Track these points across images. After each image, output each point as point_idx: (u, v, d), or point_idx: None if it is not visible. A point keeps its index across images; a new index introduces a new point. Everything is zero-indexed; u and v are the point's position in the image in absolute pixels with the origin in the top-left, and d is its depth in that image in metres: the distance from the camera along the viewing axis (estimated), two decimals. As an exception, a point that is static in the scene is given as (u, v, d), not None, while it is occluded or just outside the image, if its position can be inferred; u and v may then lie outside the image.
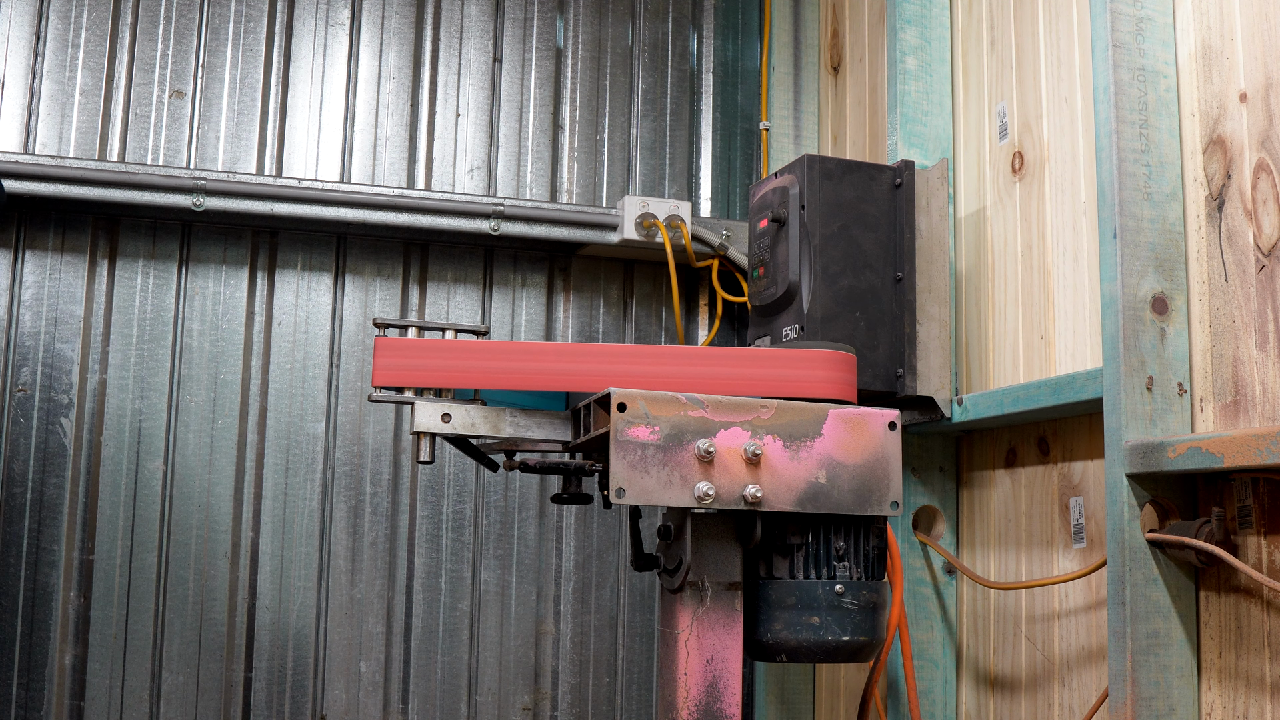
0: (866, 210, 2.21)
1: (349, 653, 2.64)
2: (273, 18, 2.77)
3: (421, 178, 2.83)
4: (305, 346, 2.70)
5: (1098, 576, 1.92)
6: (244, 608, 2.60)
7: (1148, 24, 1.80)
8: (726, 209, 3.05)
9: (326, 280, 2.74)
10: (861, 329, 2.18)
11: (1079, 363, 2.00)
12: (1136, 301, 1.73)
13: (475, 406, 1.75)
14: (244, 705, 2.57)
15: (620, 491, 1.62)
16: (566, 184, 2.94)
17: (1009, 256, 2.21)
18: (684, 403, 1.67)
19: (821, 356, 1.82)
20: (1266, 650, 1.62)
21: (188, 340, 2.63)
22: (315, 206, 2.61)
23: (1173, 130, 1.79)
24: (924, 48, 2.41)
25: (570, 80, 2.98)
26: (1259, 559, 1.63)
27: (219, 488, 2.61)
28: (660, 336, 2.97)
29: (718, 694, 1.71)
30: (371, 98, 2.82)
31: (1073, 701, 1.99)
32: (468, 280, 2.83)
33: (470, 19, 2.91)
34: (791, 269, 2.18)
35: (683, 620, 1.72)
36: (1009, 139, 2.23)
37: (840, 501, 1.72)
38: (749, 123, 3.09)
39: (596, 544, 2.83)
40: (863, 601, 1.75)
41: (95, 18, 2.65)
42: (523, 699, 2.75)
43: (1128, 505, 1.69)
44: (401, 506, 2.71)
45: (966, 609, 2.30)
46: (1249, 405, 1.65)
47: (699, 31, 3.10)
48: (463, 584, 2.73)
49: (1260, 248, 1.65)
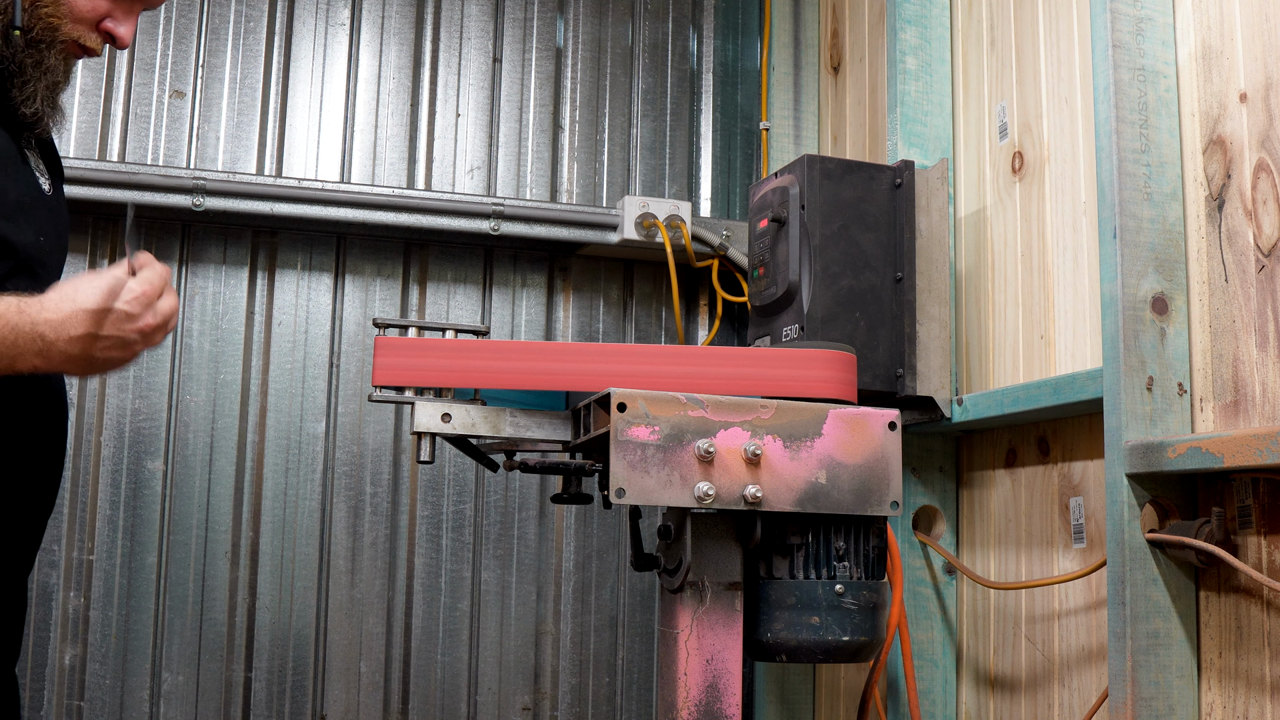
0: (866, 210, 2.21)
1: (349, 653, 2.64)
2: (273, 18, 2.77)
3: (421, 178, 2.83)
4: (305, 346, 2.70)
5: (1098, 576, 1.92)
6: (244, 608, 2.60)
7: (1148, 24, 1.80)
8: (726, 209, 3.05)
9: (326, 280, 2.74)
10: (861, 329, 2.18)
11: (1079, 363, 2.00)
12: (1136, 301, 1.73)
13: (475, 406, 1.75)
14: (244, 705, 2.57)
15: (620, 491, 1.62)
16: (566, 184, 2.94)
17: (1009, 256, 2.21)
18: (684, 403, 1.67)
19: (822, 356, 1.82)
20: (1266, 650, 1.62)
21: (188, 340, 2.63)
22: (315, 206, 2.61)
23: (1173, 130, 1.79)
24: (924, 48, 2.41)
25: (570, 80, 2.98)
26: (1259, 559, 1.63)
27: (219, 488, 2.61)
28: (660, 336, 2.97)
29: (718, 694, 1.71)
30: (371, 98, 2.82)
31: (1073, 701, 1.99)
32: (468, 280, 2.83)
33: (470, 19, 2.91)
34: (791, 269, 2.18)
35: (683, 620, 1.72)
36: (1009, 139, 2.23)
37: (840, 501, 1.72)
38: (749, 123, 3.09)
39: (596, 544, 2.83)
40: (863, 601, 1.75)
41: (95, 18, 2.65)
42: (523, 699, 2.75)
43: (1128, 505, 1.69)
44: (401, 506, 2.71)
45: (966, 609, 2.30)
46: (1249, 405, 1.65)
47: (699, 31, 3.10)
48: (463, 584, 2.73)
49: (1260, 248, 1.65)
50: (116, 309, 1.45)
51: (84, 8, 1.59)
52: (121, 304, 1.45)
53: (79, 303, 1.43)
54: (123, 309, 1.45)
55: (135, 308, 1.46)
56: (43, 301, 1.43)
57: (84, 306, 1.43)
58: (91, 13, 1.60)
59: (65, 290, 1.45)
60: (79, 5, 1.58)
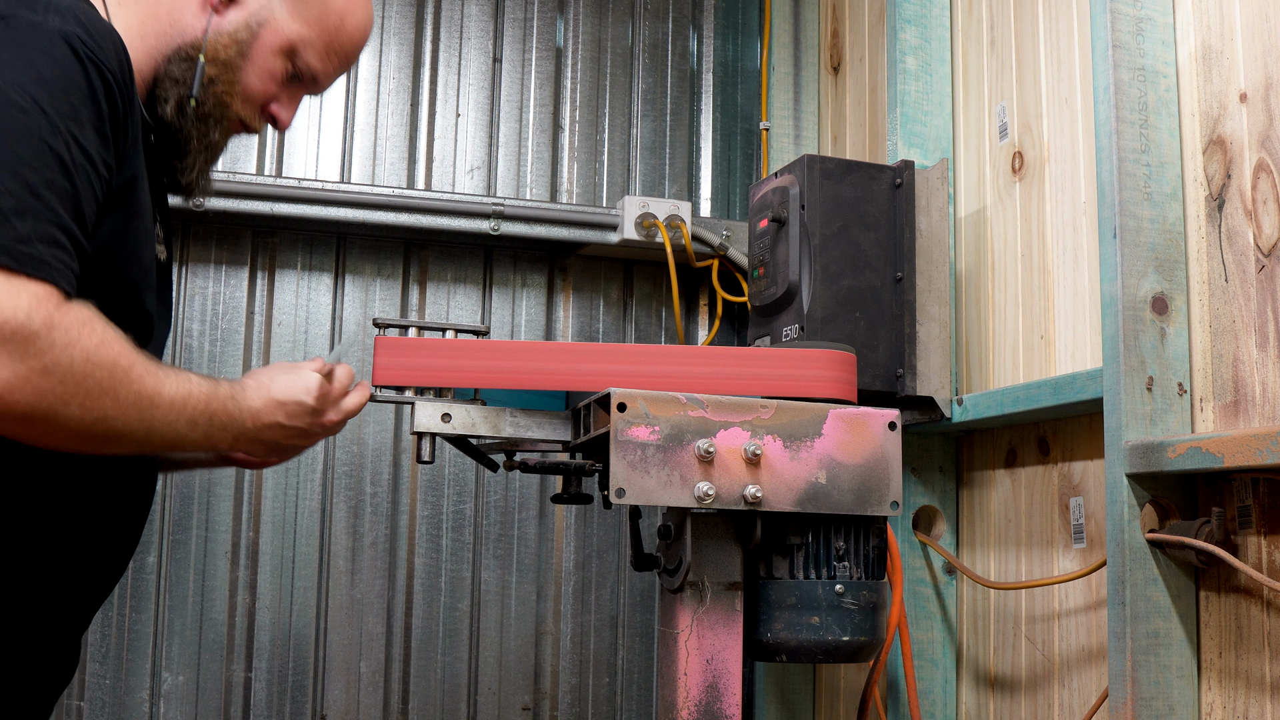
0: (866, 210, 2.21)
1: (349, 653, 2.64)
2: (273, 18, 2.77)
3: (421, 178, 2.83)
4: (305, 346, 2.70)
5: (1098, 576, 1.92)
6: (244, 608, 2.60)
7: (1148, 24, 1.80)
8: (726, 209, 3.05)
9: (326, 280, 2.74)
10: (861, 329, 2.18)
11: (1079, 363, 2.00)
12: (1136, 301, 1.73)
13: (475, 406, 1.75)
14: (244, 705, 2.57)
15: (620, 491, 1.62)
16: (566, 184, 2.94)
17: (1009, 256, 2.21)
18: (684, 403, 1.67)
19: (822, 356, 1.82)
20: (1266, 650, 1.62)
21: (188, 340, 2.63)
22: (315, 206, 2.61)
23: (1173, 130, 1.79)
24: (924, 48, 2.41)
25: (570, 80, 2.98)
26: (1259, 559, 1.63)
27: (219, 488, 2.61)
28: (660, 336, 2.97)
29: (718, 694, 1.71)
30: (371, 98, 2.82)
31: (1073, 701, 1.99)
32: (468, 280, 2.83)
33: (470, 19, 2.91)
34: (791, 269, 2.18)
35: (683, 620, 1.72)
36: (1009, 139, 2.23)
37: (840, 501, 1.72)
38: (749, 123, 3.09)
39: (596, 544, 2.83)
40: (863, 601, 1.75)
41: (95, 18, 2.64)
42: (523, 699, 2.75)
43: (1128, 505, 1.69)
44: (401, 506, 2.71)
45: (966, 609, 2.30)
46: (1249, 405, 1.65)
47: (699, 31, 3.10)
48: (463, 584, 2.73)
49: (1260, 248, 1.65)
50: (306, 403, 1.56)
51: (256, 89, 1.60)
52: (312, 400, 1.56)
53: (274, 394, 1.53)
54: (311, 404, 1.56)
55: (323, 404, 1.59)
56: (245, 388, 1.52)
57: (278, 398, 1.53)
58: (263, 95, 1.61)
59: (262, 380, 1.54)
60: (252, 86, 1.59)
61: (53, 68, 1.27)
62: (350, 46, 1.66)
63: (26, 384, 1.22)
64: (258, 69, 1.59)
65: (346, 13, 1.63)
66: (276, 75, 1.60)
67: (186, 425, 1.40)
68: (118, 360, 1.30)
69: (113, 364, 1.29)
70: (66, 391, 1.25)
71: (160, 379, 1.36)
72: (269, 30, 1.58)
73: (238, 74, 1.57)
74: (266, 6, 1.58)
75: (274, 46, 1.59)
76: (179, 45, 1.53)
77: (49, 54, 1.28)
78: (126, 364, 1.31)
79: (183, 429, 1.40)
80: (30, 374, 1.22)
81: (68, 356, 1.24)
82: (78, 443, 1.32)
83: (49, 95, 1.26)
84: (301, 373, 1.58)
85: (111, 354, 1.29)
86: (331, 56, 1.64)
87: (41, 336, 1.22)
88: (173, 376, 1.39)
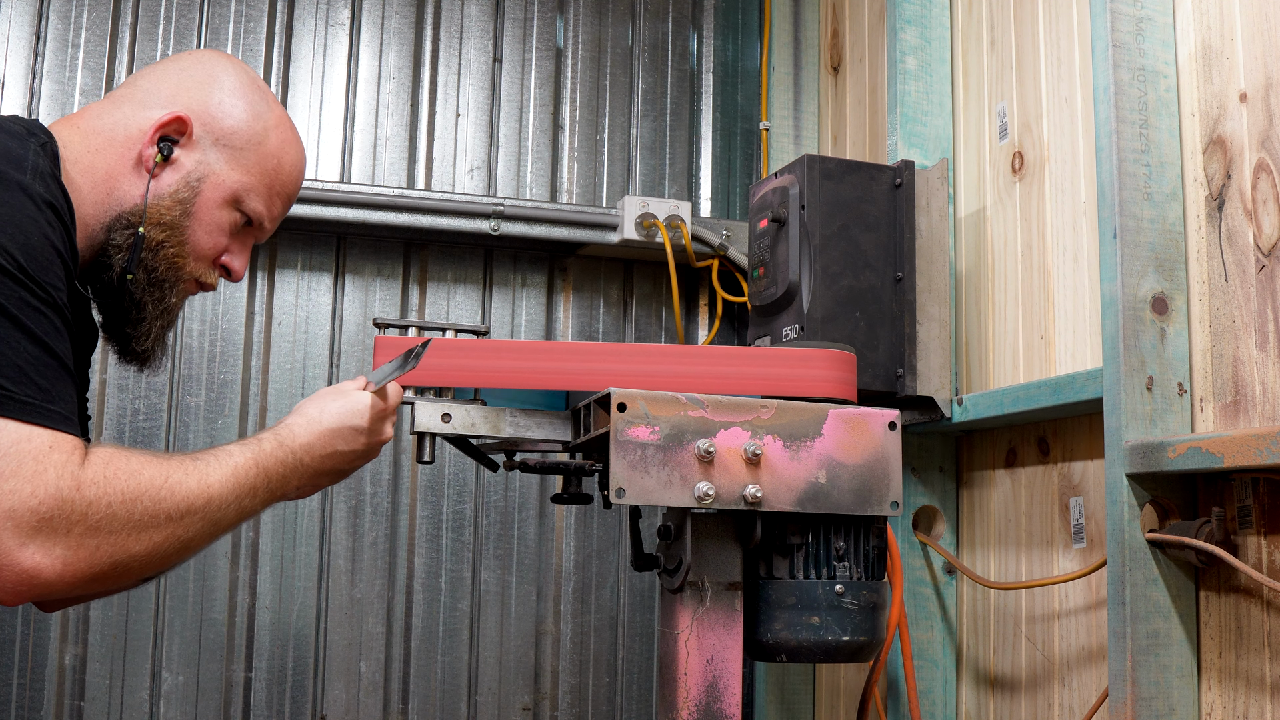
0: (866, 210, 2.21)
1: (349, 653, 2.64)
2: (273, 18, 2.77)
3: (421, 178, 2.83)
4: (305, 346, 2.70)
5: (1098, 576, 1.92)
6: (244, 608, 2.60)
7: (1148, 24, 1.80)
8: (726, 209, 3.05)
9: (326, 280, 2.74)
10: (861, 329, 2.18)
11: (1079, 363, 2.00)
12: (1136, 301, 1.73)
13: (475, 406, 1.75)
14: (244, 705, 2.57)
15: (620, 491, 1.62)
16: (566, 184, 2.94)
17: (1009, 256, 2.21)
18: (684, 403, 1.67)
19: (822, 356, 1.82)
20: (1266, 650, 1.62)
21: (187, 340, 2.63)
22: (315, 206, 2.61)
23: (1173, 130, 1.79)
24: (924, 48, 2.41)
25: (570, 80, 2.98)
26: (1259, 559, 1.63)
27: (219, 488, 2.61)
28: (660, 336, 2.97)
29: (718, 694, 1.71)
30: (371, 98, 2.82)
31: (1073, 701, 1.99)
32: (468, 280, 2.83)
33: (470, 19, 2.91)
34: (791, 269, 2.18)
35: (683, 620, 1.72)
36: (1009, 139, 2.23)
37: (840, 501, 1.72)
38: (749, 123, 3.09)
39: (596, 544, 2.83)
40: (863, 601, 1.75)
41: (95, 18, 2.64)
42: (523, 699, 2.75)
43: (1128, 505, 1.69)
44: (401, 507, 2.71)
45: (966, 609, 2.30)
46: (1249, 405, 1.65)
47: (699, 31, 3.10)
48: (463, 584, 2.73)
49: (1260, 248, 1.65)
50: (361, 426, 1.58)
51: (207, 245, 1.59)
52: (366, 423, 1.58)
53: (327, 424, 1.55)
54: (366, 425, 1.58)
55: (376, 422, 1.61)
56: (292, 429, 1.52)
57: (331, 427, 1.55)
58: (214, 249, 1.60)
59: (310, 414, 1.55)
60: (202, 242, 1.58)
61: (34, 230, 1.30)
62: (291, 185, 1.67)
63: (79, 553, 1.24)
64: (205, 224, 1.58)
65: (282, 153, 1.63)
66: (224, 227, 1.60)
67: (248, 498, 1.42)
68: (153, 482, 1.31)
69: (150, 488, 1.30)
70: (118, 539, 1.27)
71: (203, 473, 1.37)
72: (210, 184, 1.57)
73: (186, 233, 1.56)
74: (203, 161, 1.57)
75: (218, 199, 1.58)
76: (119, 213, 1.52)
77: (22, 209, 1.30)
78: (162, 481, 1.32)
79: (246, 504, 1.42)
80: (79, 542, 1.24)
81: (106, 507, 1.26)
82: (158, 566, 1.35)
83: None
84: (350, 395, 1.58)
85: (145, 480, 1.30)
86: (275, 199, 1.64)
87: (76, 502, 1.24)
88: (213, 462, 1.40)
